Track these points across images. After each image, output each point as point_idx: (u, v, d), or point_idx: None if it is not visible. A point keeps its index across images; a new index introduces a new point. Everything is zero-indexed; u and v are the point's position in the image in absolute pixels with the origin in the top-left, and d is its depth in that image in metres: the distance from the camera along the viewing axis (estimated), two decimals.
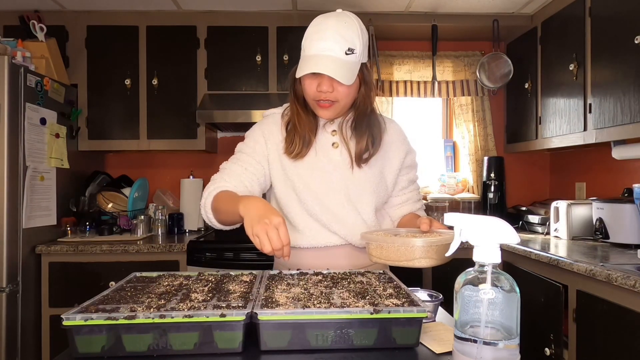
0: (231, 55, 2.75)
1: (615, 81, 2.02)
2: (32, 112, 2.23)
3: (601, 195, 2.55)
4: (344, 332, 0.79)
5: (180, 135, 2.75)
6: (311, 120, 1.27)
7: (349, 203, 1.25)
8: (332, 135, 1.29)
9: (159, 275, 1.08)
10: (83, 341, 0.77)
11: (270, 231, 0.94)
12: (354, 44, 1.16)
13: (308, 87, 1.21)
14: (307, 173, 1.25)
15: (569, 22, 2.38)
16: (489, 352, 0.66)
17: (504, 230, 0.69)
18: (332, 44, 1.14)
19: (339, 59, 1.15)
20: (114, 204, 2.72)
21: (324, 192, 1.25)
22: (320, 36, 1.15)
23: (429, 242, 0.97)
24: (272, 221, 0.94)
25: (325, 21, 1.17)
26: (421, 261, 0.97)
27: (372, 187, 1.28)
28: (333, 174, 1.26)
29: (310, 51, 1.17)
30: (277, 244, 0.93)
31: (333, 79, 1.16)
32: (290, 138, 1.26)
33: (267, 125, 1.32)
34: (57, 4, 2.66)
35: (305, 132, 1.25)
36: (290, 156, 1.25)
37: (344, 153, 1.27)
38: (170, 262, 2.35)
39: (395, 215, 1.38)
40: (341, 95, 1.20)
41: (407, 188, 1.39)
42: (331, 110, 1.23)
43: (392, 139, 1.35)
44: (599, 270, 1.60)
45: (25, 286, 2.20)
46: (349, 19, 1.18)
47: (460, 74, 3.10)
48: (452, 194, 3.12)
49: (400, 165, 1.35)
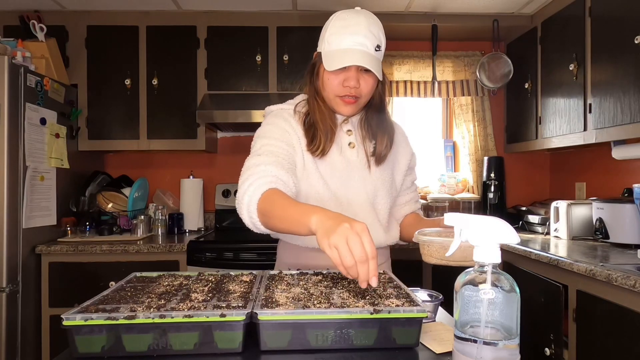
0: (231, 55, 2.75)
1: (615, 81, 2.02)
2: (32, 112, 2.22)
3: (601, 195, 2.55)
4: (344, 332, 0.79)
5: (180, 135, 2.75)
6: (332, 114, 1.25)
7: (367, 203, 1.25)
8: (348, 135, 1.28)
9: (159, 275, 1.08)
10: (83, 341, 0.76)
11: (351, 239, 0.76)
12: (381, 41, 1.19)
13: (332, 81, 1.19)
14: (327, 172, 1.22)
15: (569, 22, 2.38)
16: (489, 352, 0.66)
17: (504, 230, 0.69)
18: (364, 39, 1.15)
19: (371, 53, 1.16)
20: (114, 204, 2.72)
21: (343, 193, 1.23)
22: (354, 30, 1.15)
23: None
24: (354, 227, 0.78)
25: (355, 16, 1.18)
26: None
27: (387, 188, 1.28)
28: (352, 174, 1.24)
29: (340, 45, 1.16)
30: (360, 254, 0.76)
31: (360, 74, 1.17)
32: (311, 135, 1.21)
33: (284, 119, 1.25)
34: (57, 4, 2.66)
35: (328, 127, 1.22)
36: (315, 154, 1.20)
37: (360, 153, 1.26)
38: (170, 262, 2.35)
39: (398, 214, 1.39)
40: (365, 91, 1.21)
41: (410, 188, 1.41)
42: (354, 106, 1.22)
43: (399, 141, 1.36)
44: (599, 270, 1.60)
45: (25, 286, 2.20)
46: (375, 17, 1.21)
47: (460, 74, 3.10)
48: (452, 194, 3.12)
49: (407, 166, 1.37)
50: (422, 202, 3.03)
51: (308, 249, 1.26)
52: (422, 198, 3.11)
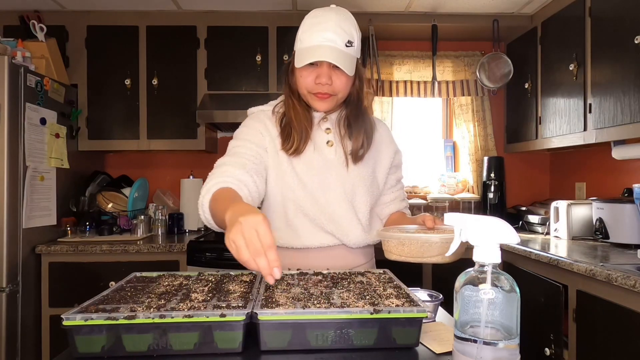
0: (231, 55, 2.75)
1: (615, 81, 2.02)
2: (32, 112, 2.23)
3: (601, 195, 2.55)
4: (344, 332, 0.79)
5: (180, 135, 2.75)
6: (307, 115, 1.26)
7: (345, 202, 1.24)
8: (327, 133, 1.28)
9: (159, 275, 1.08)
10: (83, 341, 0.76)
11: (247, 232, 0.74)
12: (353, 36, 1.19)
13: (305, 79, 1.21)
14: (303, 171, 1.23)
15: (569, 22, 2.38)
16: (489, 352, 0.66)
17: (504, 230, 0.69)
18: (333, 35, 1.16)
19: (341, 49, 1.17)
20: (114, 204, 2.72)
21: (321, 192, 1.23)
22: (323, 27, 1.16)
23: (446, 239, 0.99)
24: (249, 220, 0.75)
25: (325, 14, 1.19)
26: (437, 258, 0.98)
27: (367, 186, 1.27)
28: (329, 172, 1.24)
29: (310, 42, 1.18)
30: (255, 247, 0.73)
31: (332, 70, 1.17)
32: (286, 133, 1.23)
33: (260, 121, 1.27)
34: (57, 4, 2.66)
35: (303, 126, 1.23)
36: (289, 152, 1.21)
37: (338, 151, 1.26)
38: (170, 262, 2.35)
39: (383, 213, 1.38)
40: (338, 88, 1.21)
41: (394, 187, 1.39)
42: (328, 102, 1.23)
43: (382, 139, 1.35)
44: (599, 270, 1.60)
45: (25, 286, 2.20)
46: (347, 13, 1.22)
47: (460, 74, 3.10)
48: (452, 194, 3.12)
49: (390, 164, 1.36)
50: (422, 202, 3.04)
51: (300, 249, 1.26)
52: (422, 198, 3.11)
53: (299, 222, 1.23)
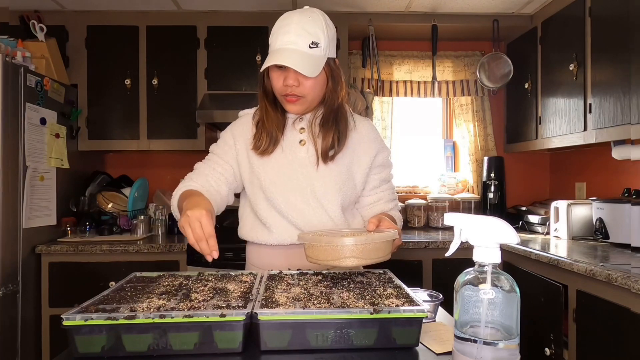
0: (231, 55, 2.75)
1: (615, 81, 2.02)
2: (32, 112, 2.22)
3: (601, 195, 2.55)
4: (344, 332, 0.79)
5: (180, 135, 2.75)
6: (279, 117, 1.29)
7: (314, 200, 1.25)
8: (300, 132, 1.30)
9: (159, 275, 1.08)
10: (83, 341, 0.77)
11: (192, 223, 0.96)
12: (318, 37, 1.18)
13: (275, 82, 1.23)
14: (273, 171, 1.26)
15: (569, 22, 2.38)
16: (489, 352, 0.66)
17: (504, 230, 0.69)
18: (295, 37, 1.16)
19: (303, 52, 1.17)
20: (114, 204, 2.72)
21: (290, 189, 1.25)
22: (285, 30, 1.18)
23: (356, 241, 0.94)
24: (194, 214, 0.97)
25: (289, 17, 1.20)
26: (347, 261, 0.94)
27: (338, 185, 1.26)
28: (298, 171, 1.26)
29: (274, 45, 1.20)
30: (197, 234, 0.96)
31: (298, 73, 1.17)
32: (258, 134, 1.28)
33: (238, 126, 1.36)
34: (57, 4, 2.65)
35: (273, 128, 1.27)
36: (257, 152, 1.27)
37: (310, 150, 1.27)
38: (170, 262, 2.35)
39: (366, 215, 1.35)
40: (307, 90, 1.21)
41: (378, 187, 1.36)
42: (298, 104, 1.24)
43: (362, 138, 1.33)
44: (599, 270, 1.60)
45: (25, 286, 2.20)
46: (314, 14, 1.21)
47: (460, 74, 3.10)
48: (452, 194, 3.12)
49: (370, 164, 1.32)
50: (422, 202, 3.03)
51: (275, 246, 1.27)
52: (422, 198, 3.11)
53: (272, 220, 1.26)
